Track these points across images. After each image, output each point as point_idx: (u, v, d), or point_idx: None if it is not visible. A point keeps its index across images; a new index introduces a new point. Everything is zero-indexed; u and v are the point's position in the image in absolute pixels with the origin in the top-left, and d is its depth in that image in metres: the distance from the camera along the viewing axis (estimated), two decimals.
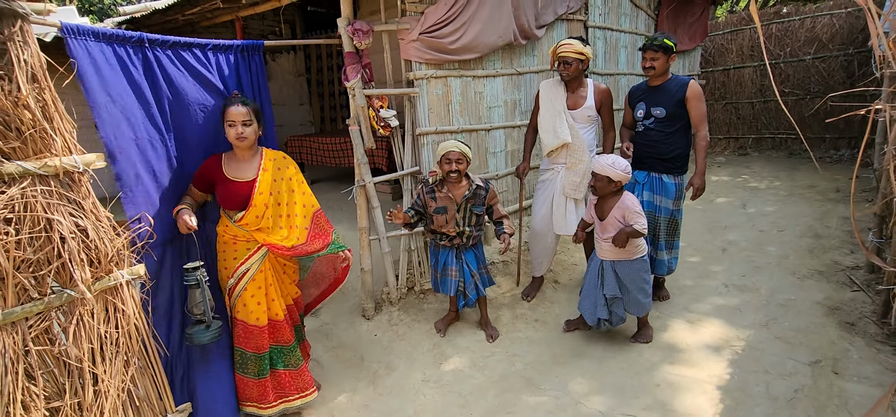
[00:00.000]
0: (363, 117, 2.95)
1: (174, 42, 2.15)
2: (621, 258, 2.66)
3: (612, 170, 2.50)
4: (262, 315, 2.27)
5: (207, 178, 2.23)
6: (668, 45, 2.88)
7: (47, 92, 1.69)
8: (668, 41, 2.89)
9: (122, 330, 1.94)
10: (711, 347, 2.74)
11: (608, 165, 2.51)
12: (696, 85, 2.93)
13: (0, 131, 1.60)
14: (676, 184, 3.03)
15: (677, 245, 3.18)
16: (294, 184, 2.35)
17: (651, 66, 2.94)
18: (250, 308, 2.26)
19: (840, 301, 3.09)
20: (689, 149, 3.05)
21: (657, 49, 2.90)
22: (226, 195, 2.21)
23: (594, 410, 2.31)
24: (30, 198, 1.67)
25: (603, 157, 2.57)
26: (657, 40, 2.89)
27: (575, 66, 2.99)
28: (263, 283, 2.29)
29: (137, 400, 2.02)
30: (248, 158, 2.27)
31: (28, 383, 1.73)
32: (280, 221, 2.28)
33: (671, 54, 2.92)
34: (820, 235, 4.22)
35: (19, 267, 1.69)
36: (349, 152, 4.87)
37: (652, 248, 3.13)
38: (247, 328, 2.27)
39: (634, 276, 2.67)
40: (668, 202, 3.05)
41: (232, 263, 2.27)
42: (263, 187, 2.22)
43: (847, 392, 2.29)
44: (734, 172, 6.88)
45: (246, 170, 2.24)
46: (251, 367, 2.30)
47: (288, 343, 2.36)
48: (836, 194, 5.34)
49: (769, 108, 7.82)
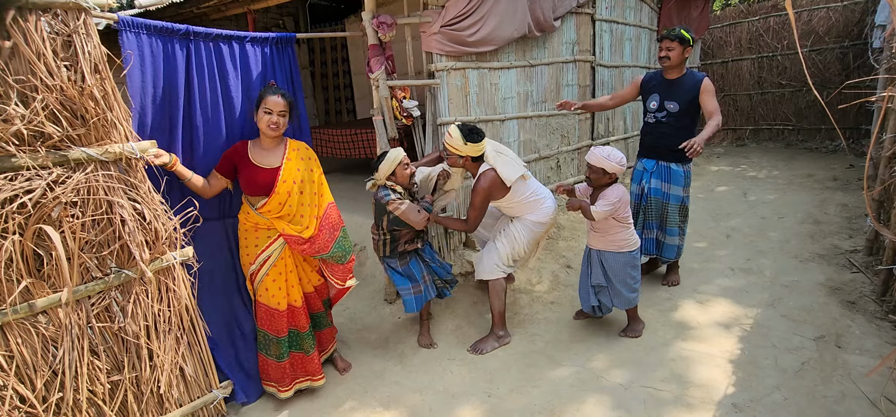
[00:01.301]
0: (386, 108, 3.05)
1: (217, 35, 2.24)
2: (607, 249, 2.70)
3: (607, 162, 2.51)
4: (282, 299, 2.39)
5: (232, 161, 2.31)
6: (684, 37, 2.94)
7: (108, 82, 1.78)
8: (686, 33, 2.94)
9: (173, 308, 2.04)
10: (721, 324, 2.88)
11: (603, 157, 2.51)
12: (709, 81, 3.00)
13: (68, 118, 1.69)
14: (685, 171, 3.16)
15: (685, 231, 3.29)
16: (315, 175, 2.45)
17: (666, 56, 2.99)
18: (272, 292, 2.38)
19: (841, 282, 3.25)
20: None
21: (674, 39, 2.95)
22: (249, 180, 2.29)
23: (615, 383, 2.45)
24: (93, 183, 1.77)
25: (599, 149, 2.56)
26: (675, 31, 2.95)
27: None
28: (284, 269, 2.40)
29: (188, 376, 2.13)
30: (273, 147, 2.35)
31: (92, 357, 1.84)
32: (302, 210, 2.37)
33: (687, 46, 2.97)
34: (819, 221, 4.39)
35: (83, 247, 1.79)
36: (358, 143, 4.96)
37: (660, 233, 3.27)
38: (269, 311, 2.39)
39: (618, 269, 2.69)
40: (677, 189, 3.17)
41: (253, 250, 2.37)
42: (287, 175, 2.31)
43: (850, 363, 2.44)
44: (733, 162, 7.04)
45: (271, 157, 2.33)
46: (273, 349, 2.42)
47: (303, 328, 2.47)
48: (834, 182, 5.51)
49: (766, 100, 7.98)
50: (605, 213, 2.55)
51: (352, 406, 2.43)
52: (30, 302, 1.68)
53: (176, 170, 2.15)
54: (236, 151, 2.32)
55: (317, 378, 2.52)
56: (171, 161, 2.12)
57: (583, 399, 2.34)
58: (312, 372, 2.51)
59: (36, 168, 1.62)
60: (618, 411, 2.25)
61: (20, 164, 1.59)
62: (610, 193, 2.57)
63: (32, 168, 1.62)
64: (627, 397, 2.34)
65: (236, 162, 2.31)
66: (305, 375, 2.50)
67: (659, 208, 3.24)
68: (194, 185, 2.24)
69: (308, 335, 2.48)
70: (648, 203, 3.27)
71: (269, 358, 2.43)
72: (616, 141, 5.67)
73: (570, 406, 2.30)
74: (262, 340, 2.43)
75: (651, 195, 3.24)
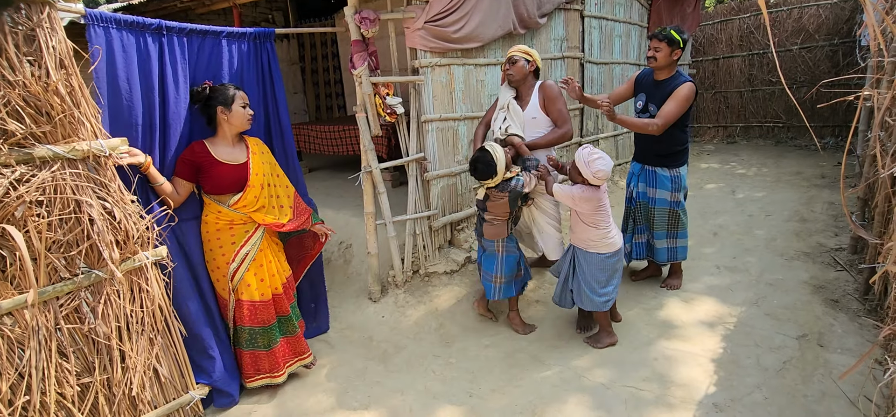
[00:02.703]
0: (369, 104, 3.02)
1: (191, 30, 2.20)
2: (579, 246, 2.63)
3: (585, 167, 2.42)
4: (266, 290, 2.41)
5: (194, 164, 2.23)
6: (673, 38, 2.80)
7: (74, 77, 1.73)
8: (676, 34, 2.80)
9: (146, 309, 2.01)
10: (705, 323, 2.88)
11: (584, 161, 2.42)
12: (687, 87, 2.82)
13: (32, 115, 1.64)
14: (672, 176, 3.04)
15: (682, 235, 3.14)
16: (276, 167, 2.51)
17: (653, 56, 2.88)
18: (254, 286, 2.37)
19: (825, 280, 3.26)
20: (684, 144, 3.02)
21: (662, 39, 2.82)
22: (218, 179, 2.25)
23: (597, 383, 2.43)
24: (60, 181, 1.73)
25: (587, 151, 2.45)
26: (664, 31, 2.82)
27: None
28: (264, 261, 2.41)
29: (162, 377, 2.09)
30: (236, 143, 2.35)
31: (60, 360, 1.80)
32: (273, 201, 2.41)
33: (676, 48, 2.82)
34: (806, 219, 4.40)
35: (50, 247, 1.74)
36: (347, 140, 4.92)
37: (650, 236, 3.23)
38: (253, 305, 2.38)
39: (586, 269, 2.60)
40: (664, 193, 3.07)
41: (230, 248, 2.33)
42: (257, 168, 2.34)
43: (831, 362, 2.45)
44: (723, 160, 7.06)
45: (236, 153, 2.32)
46: (260, 341, 2.43)
47: (286, 313, 2.52)
48: (822, 180, 5.54)
49: (757, 97, 8.00)
50: (562, 195, 2.56)
51: (331, 405, 2.41)
52: None
53: (149, 172, 2.09)
54: (195, 153, 2.24)
55: (306, 357, 2.61)
56: (146, 162, 2.07)
57: (564, 399, 2.33)
58: (301, 351, 2.59)
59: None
60: (599, 411, 2.24)
61: None
62: (577, 187, 2.51)
63: None
64: (609, 397, 2.33)
65: (199, 163, 2.23)
66: (294, 356, 2.57)
67: (646, 212, 3.19)
68: (164, 192, 2.17)
69: (291, 317, 2.54)
70: (637, 207, 3.23)
71: (259, 351, 2.43)
72: (605, 139, 5.66)
73: (552, 407, 2.29)
74: (248, 337, 2.41)
75: (639, 199, 3.20)
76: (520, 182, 2.59)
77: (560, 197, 2.59)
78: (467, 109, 3.60)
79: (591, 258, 2.59)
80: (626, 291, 3.34)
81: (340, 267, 3.72)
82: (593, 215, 2.51)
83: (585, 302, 2.64)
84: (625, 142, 6.14)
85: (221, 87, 2.26)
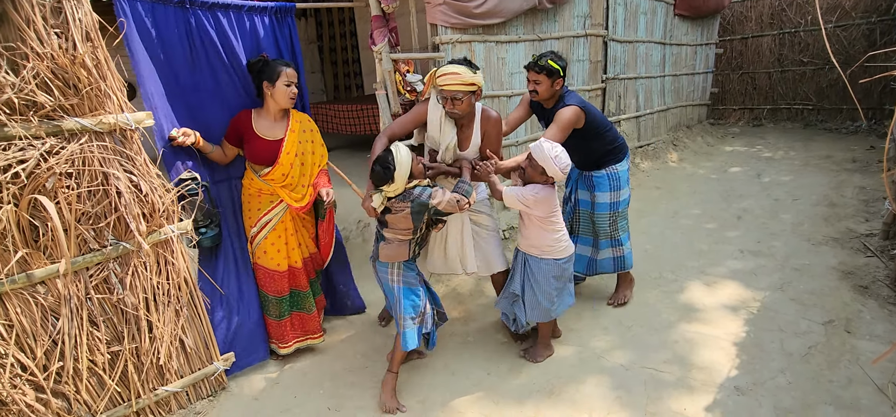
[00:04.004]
0: (389, 81, 2.99)
1: (213, 3, 2.19)
2: (531, 253, 2.32)
3: (552, 164, 2.12)
4: (282, 261, 2.46)
5: (238, 132, 2.33)
6: (552, 68, 2.46)
7: (100, 50, 1.75)
8: (554, 63, 2.46)
9: (172, 281, 2.05)
10: (728, 307, 2.83)
11: (550, 158, 2.11)
12: (567, 111, 2.48)
13: (60, 88, 1.67)
14: (608, 173, 2.75)
15: (625, 240, 2.87)
16: (316, 145, 2.51)
17: (534, 90, 2.54)
18: (270, 255, 2.44)
19: (854, 266, 3.16)
20: (608, 145, 2.72)
21: (539, 71, 2.47)
22: (254, 151, 2.33)
23: (616, 364, 2.42)
24: (87, 154, 1.76)
25: (547, 144, 2.14)
26: (542, 60, 2.46)
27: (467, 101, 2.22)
28: (283, 233, 2.46)
29: (188, 348, 2.14)
30: (279, 118, 2.38)
31: (91, 328, 1.86)
32: (303, 180, 2.44)
33: (556, 78, 2.49)
34: (835, 204, 4.26)
35: (80, 219, 1.79)
36: (365, 119, 4.92)
37: (593, 250, 2.93)
38: (268, 272, 2.45)
39: (540, 277, 2.30)
40: (603, 196, 2.77)
41: (256, 214, 2.43)
42: (290, 147, 2.35)
43: (859, 348, 2.38)
44: (748, 143, 6.86)
45: (275, 129, 2.36)
46: (272, 309, 2.50)
47: (304, 288, 2.56)
48: (853, 164, 5.34)
49: (787, 78, 7.72)
50: (514, 198, 2.20)
51: (352, 381, 2.45)
52: (28, 273, 1.69)
53: (200, 146, 2.23)
54: (240, 120, 2.33)
55: (316, 336, 2.64)
56: (197, 140, 2.21)
57: (582, 379, 2.32)
58: (312, 331, 2.62)
59: (29, 137, 1.61)
60: (617, 391, 2.23)
61: (12, 134, 1.58)
62: (529, 187, 2.21)
63: (25, 137, 1.60)
64: (628, 377, 2.31)
65: (241, 131, 2.33)
66: (304, 333, 2.61)
67: (587, 221, 2.91)
68: (215, 157, 2.33)
69: (308, 295, 2.57)
70: (576, 214, 2.94)
71: (270, 318, 2.52)
72: (627, 119, 5.54)
73: (570, 386, 2.29)
74: (263, 301, 2.51)
75: (579, 207, 2.91)
76: (426, 192, 2.09)
77: (512, 201, 2.23)
78: (488, 88, 3.55)
79: (545, 265, 2.30)
80: (646, 273, 3.30)
81: (359, 245, 3.74)
82: (549, 216, 2.24)
83: (538, 313, 2.35)
84: (647, 124, 6.01)
85: (273, 62, 2.28)
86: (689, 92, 7.01)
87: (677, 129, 6.84)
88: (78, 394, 1.86)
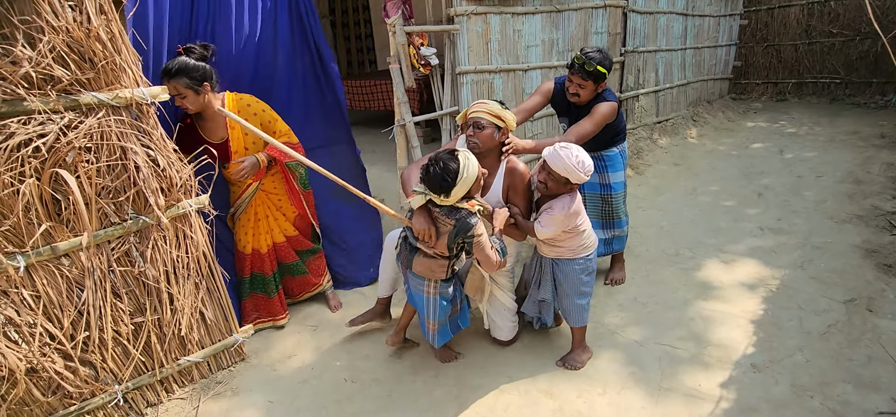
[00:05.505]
0: (403, 55, 2.95)
1: None
2: (562, 257, 2.17)
3: (576, 172, 1.91)
4: (247, 244, 2.50)
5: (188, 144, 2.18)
6: (599, 74, 2.32)
7: (114, 23, 1.74)
8: (602, 68, 2.31)
9: (191, 255, 2.08)
10: (746, 285, 2.78)
11: (573, 165, 1.90)
12: (607, 106, 2.41)
13: (76, 61, 1.67)
14: (620, 151, 2.73)
15: (620, 224, 2.85)
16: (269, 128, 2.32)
17: (576, 94, 2.40)
18: (238, 236, 2.52)
19: (878, 244, 3.08)
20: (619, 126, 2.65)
21: (586, 76, 2.32)
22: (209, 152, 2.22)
23: (630, 340, 2.41)
24: (105, 128, 1.77)
25: (565, 151, 1.91)
26: (591, 64, 2.29)
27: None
28: (252, 216, 2.50)
29: (208, 320, 2.19)
30: (210, 116, 2.24)
31: (115, 300, 1.90)
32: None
33: (602, 82, 2.37)
34: (861, 181, 4.13)
35: (100, 193, 1.81)
36: (378, 95, 4.88)
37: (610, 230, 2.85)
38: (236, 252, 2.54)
39: (572, 276, 2.17)
40: (618, 175, 2.73)
41: (235, 192, 2.47)
42: (237, 145, 2.32)
43: (881, 327, 2.33)
44: (771, 118, 6.65)
45: (215, 128, 2.29)
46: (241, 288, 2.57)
47: (267, 273, 2.58)
48: (881, 140, 5.15)
49: (813, 51, 7.41)
50: (548, 230, 2.02)
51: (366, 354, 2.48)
52: (52, 245, 1.73)
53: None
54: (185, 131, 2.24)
55: (279, 318, 2.65)
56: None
57: (596, 354, 2.32)
58: (274, 313, 2.64)
59: (47, 112, 1.63)
60: (631, 367, 2.23)
61: (32, 108, 1.60)
62: (557, 206, 1.99)
63: (44, 112, 1.62)
64: (642, 353, 2.31)
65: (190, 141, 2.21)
66: (268, 315, 2.64)
67: (603, 204, 2.81)
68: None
69: (271, 280, 2.58)
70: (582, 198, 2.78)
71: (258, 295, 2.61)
72: (646, 94, 5.41)
73: None
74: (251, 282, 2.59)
75: (584, 190, 2.77)
76: (474, 218, 1.87)
77: (546, 234, 2.03)
78: (503, 61, 3.48)
79: (577, 264, 2.17)
80: (663, 250, 3.27)
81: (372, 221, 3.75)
82: (577, 221, 2.09)
83: (575, 317, 2.23)
84: (666, 98, 5.86)
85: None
86: (711, 65, 6.79)
87: (697, 104, 6.65)
88: (104, 363, 1.92)
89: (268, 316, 2.64)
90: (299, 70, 2.59)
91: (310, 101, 2.67)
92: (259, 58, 2.42)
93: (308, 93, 2.65)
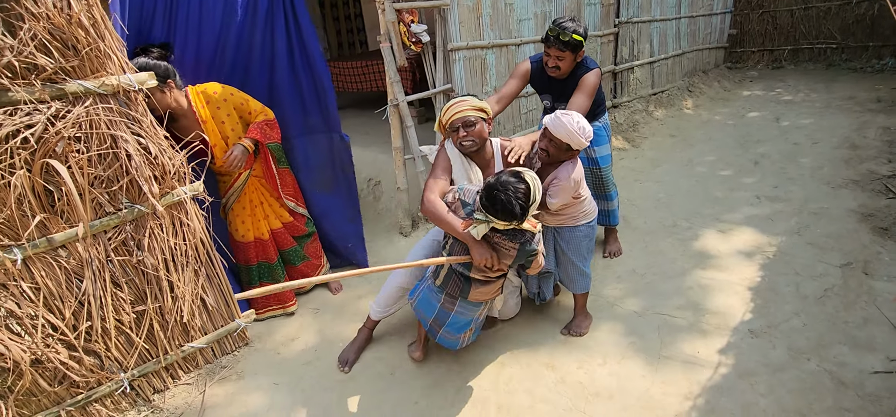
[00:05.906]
0: (394, 33, 2.90)
1: None
2: (564, 224, 2.18)
3: (576, 137, 1.89)
4: (247, 232, 2.51)
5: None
6: (575, 43, 2.28)
7: (96, 8, 1.70)
8: (578, 35, 2.28)
9: (189, 242, 2.07)
10: (743, 253, 2.80)
11: (575, 131, 1.87)
12: (594, 74, 2.40)
13: (59, 49, 1.63)
14: (602, 124, 2.72)
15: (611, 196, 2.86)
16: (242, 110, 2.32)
17: (555, 67, 2.37)
18: (235, 225, 2.52)
19: (874, 208, 3.09)
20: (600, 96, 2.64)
21: (563, 47, 2.28)
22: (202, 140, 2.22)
23: (629, 311, 2.44)
24: (94, 117, 1.74)
25: (566, 117, 1.89)
26: (565, 33, 2.25)
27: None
28: (248, 204, 2.50)
29: (210, 306, 2.20)
30: (181, 114, 2.21)
31: (115, 289, 1.90)
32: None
33: (580, 51, 2.34)
34: (857, 146, 4.13)
35: (93, 183, 1.79)
36: (370, 76, 4.82)
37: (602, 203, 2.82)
38: (234, 242, 2.55)
39: (575, 243, 2.19)
40: (604, 148, 2.72)
41: (226, 182, 2.47)
42: (214, 138, 2.27)
43: (876, 289, 2.36)
44: (767, 86, 6.62)
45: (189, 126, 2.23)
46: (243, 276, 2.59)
47: (271, 260, 2.60)
48: (877, 104, 5.14)
49: (810, 16, 7.34)
50: (561, 200, 2.02)
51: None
52: (48, 237, 1.72)
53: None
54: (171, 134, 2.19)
55: (288, 305, 2.66)
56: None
57: (596, 325, 2.35)
58: (284, 300, 2.65)
59: (34, 102, 1.60)
60: (631, 337, 2.25)
61: (17, 99, 1.56)
62: (562, 174, 1.97)
63: (30, 102, 1.59)
64: (641, 323, 2.33)
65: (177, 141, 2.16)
66: (277, 303, 2.65)
67: (593, 177, 2.79)
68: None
69: (276, 266, 2.60)
70: None
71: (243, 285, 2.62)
72: (641, 65, 5.36)
73: None
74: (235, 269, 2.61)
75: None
76: (536, 238, 1.83)
77: (556, 204, 2.02)
78: (495, 36, 3.43)
79: (581, 231, 2.19)
80: (660, 221, 3.28)
81: (370, 203, 3.75)
82: (580, 187, 2.10)
83: (578, 284, 2.26)
84: (661, 70, 5.81)
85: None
86: (706, 34, 6.72)
87: (693, 75, 6.61)
88: (108, 352, 1.93)
89: (278, 304, 2.65)
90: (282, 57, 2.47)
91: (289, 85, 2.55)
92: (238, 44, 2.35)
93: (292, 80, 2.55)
